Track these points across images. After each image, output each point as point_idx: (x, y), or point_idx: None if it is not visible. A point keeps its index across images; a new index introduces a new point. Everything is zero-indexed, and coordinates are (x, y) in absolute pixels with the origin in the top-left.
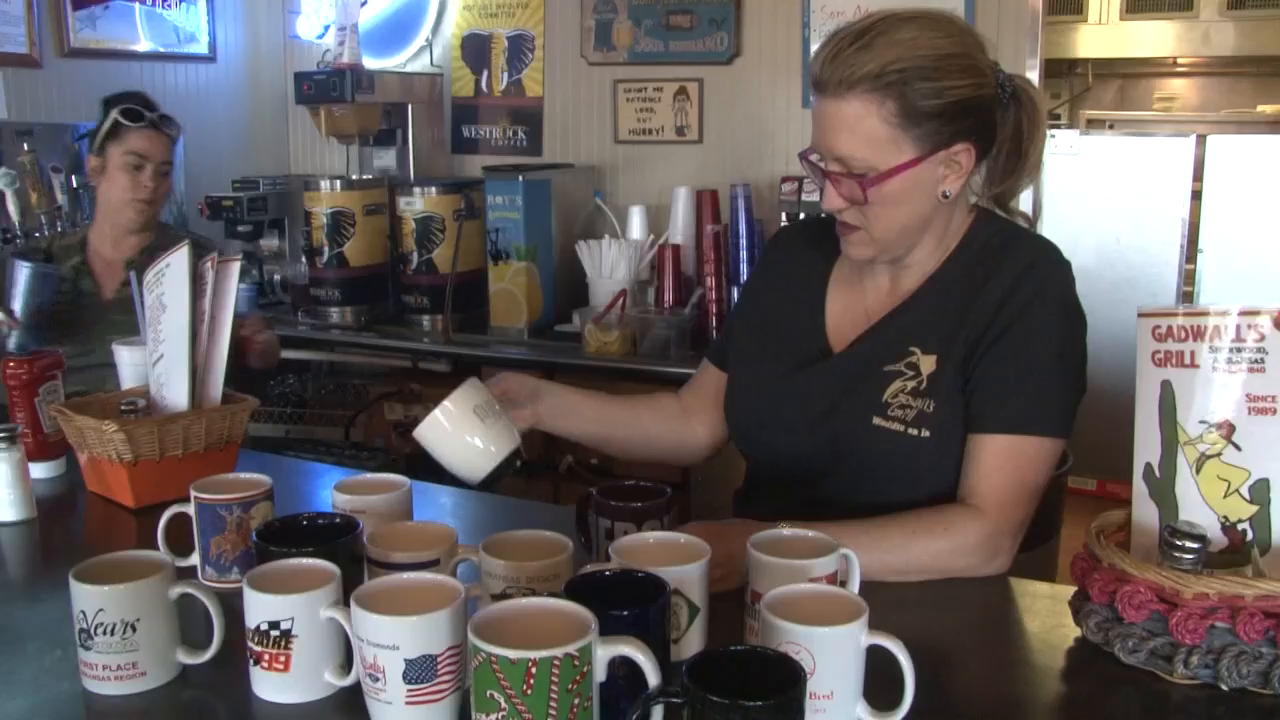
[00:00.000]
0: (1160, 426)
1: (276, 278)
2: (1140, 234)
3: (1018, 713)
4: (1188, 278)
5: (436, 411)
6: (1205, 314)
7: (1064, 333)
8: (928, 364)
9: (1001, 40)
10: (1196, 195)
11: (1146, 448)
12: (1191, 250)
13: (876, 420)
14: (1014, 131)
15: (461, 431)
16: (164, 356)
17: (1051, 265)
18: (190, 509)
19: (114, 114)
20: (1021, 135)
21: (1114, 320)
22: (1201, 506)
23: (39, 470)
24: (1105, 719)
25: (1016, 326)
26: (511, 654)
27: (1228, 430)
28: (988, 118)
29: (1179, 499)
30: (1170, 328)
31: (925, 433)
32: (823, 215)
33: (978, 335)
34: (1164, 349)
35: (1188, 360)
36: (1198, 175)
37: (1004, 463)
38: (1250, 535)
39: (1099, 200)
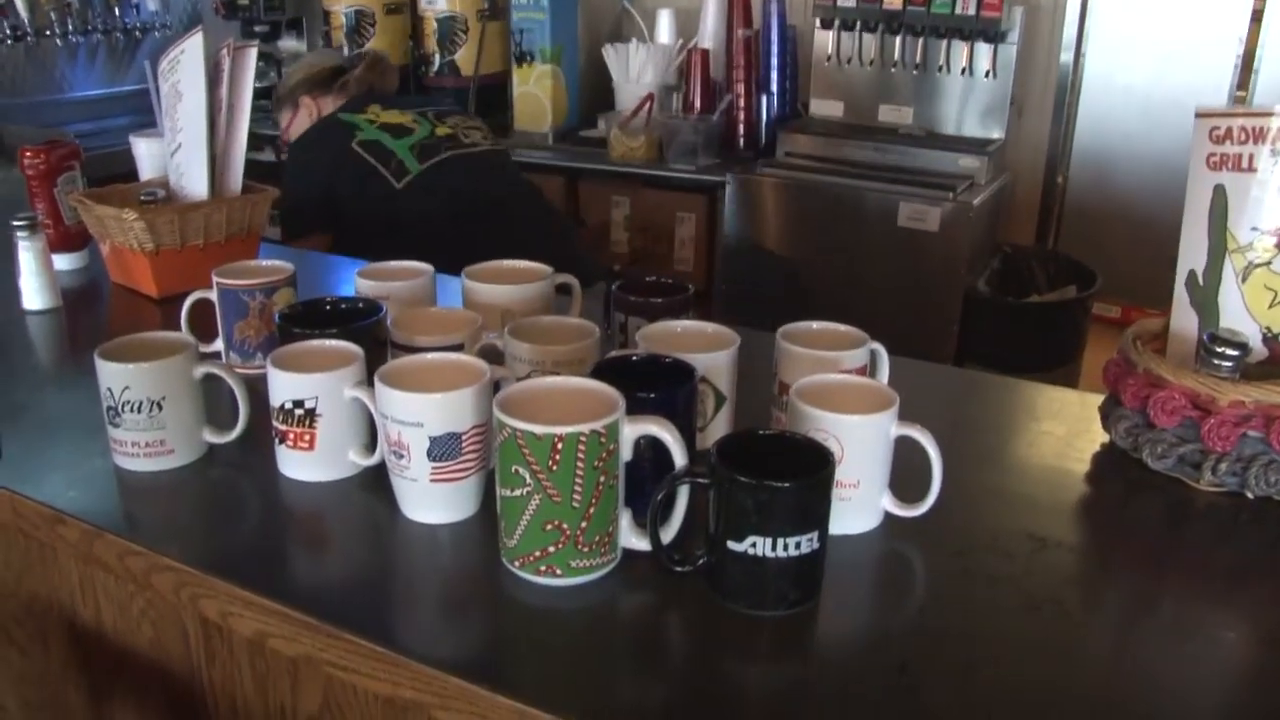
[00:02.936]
0: (1209, 233)
1: None
2: (1193, 54)
3: (1040, 512)
4: (1239, 104)
5: None
6: (1269, 115)
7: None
8: None
9: None
10: (1257, 15)
11: (1191, 254)
12: (1246, 75)
13: None
14: None
15: None
16: (182, 146)
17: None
18: (213, 295)
19: None
20: None
21: (1155, 140)
22: (1244, 316)
23: (62, 261)
24: (1128, 521)
25: None
26: (538, 429)
27: None
28: None
29: (1221, 307)
30: (1229, 129)
31: None
32: None
33: None
34: (1220, 152)
35: (1245, 164)
36: None
37: None
38: None
39: (1152, 17)
